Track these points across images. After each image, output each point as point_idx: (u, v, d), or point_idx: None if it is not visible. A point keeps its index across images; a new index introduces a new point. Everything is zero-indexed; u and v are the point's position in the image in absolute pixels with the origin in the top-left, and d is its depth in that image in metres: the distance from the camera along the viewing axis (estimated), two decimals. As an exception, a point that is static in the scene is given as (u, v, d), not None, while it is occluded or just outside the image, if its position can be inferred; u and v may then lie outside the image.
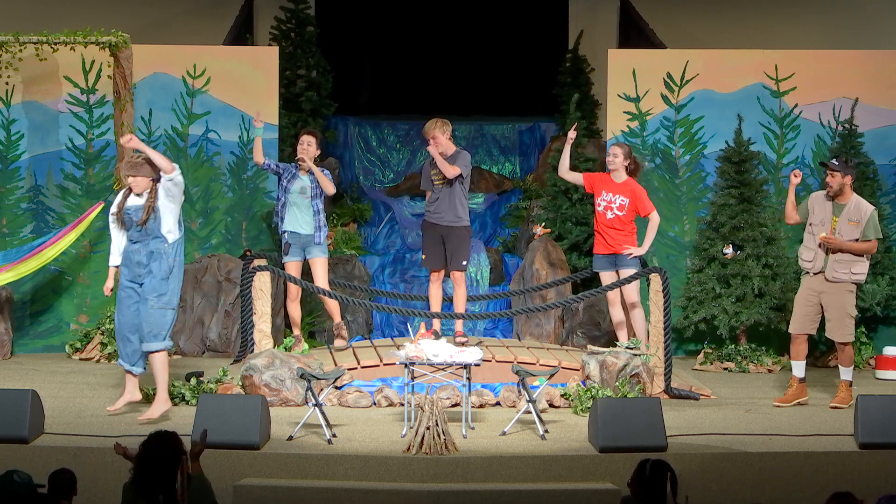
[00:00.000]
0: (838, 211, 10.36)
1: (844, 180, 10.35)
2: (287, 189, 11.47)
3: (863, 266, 10.37)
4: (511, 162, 16.30)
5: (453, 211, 11.38)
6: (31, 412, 8.85)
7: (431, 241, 11.48)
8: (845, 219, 10.32)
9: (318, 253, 11.50)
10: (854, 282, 10.37)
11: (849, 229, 10.30)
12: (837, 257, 10.31)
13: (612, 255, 11.47)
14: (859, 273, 10.36)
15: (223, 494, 7.88)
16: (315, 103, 15.41)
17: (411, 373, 9.52)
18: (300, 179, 11.48)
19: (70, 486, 6.90)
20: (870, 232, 10.32)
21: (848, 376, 10.54)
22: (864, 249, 10.33)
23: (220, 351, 12.81)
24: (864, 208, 10.37)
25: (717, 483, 8.65)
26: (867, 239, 10.31)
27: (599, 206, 11.57)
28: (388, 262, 14.39)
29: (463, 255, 11.45)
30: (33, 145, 13.17)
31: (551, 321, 12.90)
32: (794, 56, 13.50)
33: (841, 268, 10.31)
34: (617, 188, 11.50)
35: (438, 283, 11.58)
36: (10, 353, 12.66)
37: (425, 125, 11.44)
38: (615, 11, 16.55)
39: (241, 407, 8.84)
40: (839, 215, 10.34)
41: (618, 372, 10.40)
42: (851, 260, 10.31)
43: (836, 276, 10.32)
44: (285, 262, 11.53)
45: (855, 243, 10.29)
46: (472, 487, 8.38)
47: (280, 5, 15.87)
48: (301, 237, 11.48)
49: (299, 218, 11.47)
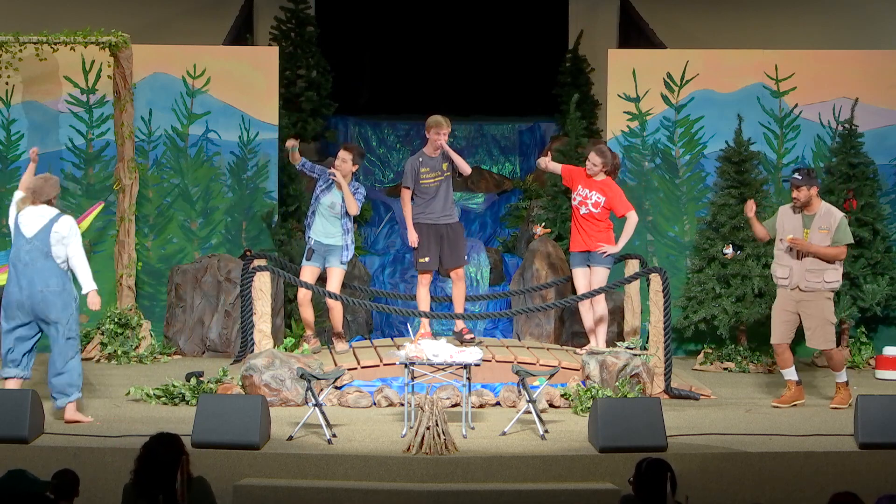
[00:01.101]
0: (808, 222, 10.29)
1: (811, 192, 10.26)
2: (318, 198, 11.30)
3: (835, 274, 10.27)
4: (511, 162, 16.31)
5: (450, 209, 11.31)
6: (31, 412, 8.84)
7: (432, 242, 11.31)
8: (816, 228, 10.24)
9: (338, 264, 11.33)
10: (829, 290, 10.30)
11: (820, 237, 10.22)
12: (809, 266, 10.22)
13: (586, 252, 11.38)
14: (832, 281, 10.27)
15: (223, 494, 7.88)
16: (315, 103, 15.43)
17: (411, 373, 9.52)
18: (332, 193, 11.27)
19: (72, 487, 6.90)
20: (841, 238, 10.22)
21: (843, 378, 10.52)
22: (833, 254, 10.22)
23: (220, 351, 12.81)
24: (834, 215, 10.28)
25: (717, 483, 8.65)
26: (839, 244, 10.23)
27: (575, 201, 11.45)
28: (388, 262, 14.40)
29: (464, 252, 11.42)
30: (33, 145, 13.11)
31: (551, 321, 12.90)
32: (794, 56, 13.50)
33: (813, 277, 10.23)
34: (593, 185, 11.34)
35: (429, 286, 11.44)
36: (9, 353, 12.65)
37: (429, 119, 11.19)
38: (615, 11, 16.56)
39: (241, 407, 8.84)
40: (810, 226, 10.27)
41: (618, 372, 10.40)
42: (823, 268, 10.21)
43: (809, 286, 10.25)
44: (304, 265, 11.41)
45: (826, 248, 10.19)
46: (472, 487, 8.38)
47: (280, 5, 15.88)
48: (324, 246, 11.35)
49: (328, 229, 11.28)
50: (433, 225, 11.24)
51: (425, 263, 11.27)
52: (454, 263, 11.31)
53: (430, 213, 11.23)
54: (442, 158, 11.21)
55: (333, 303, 11.37)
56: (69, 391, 9.35)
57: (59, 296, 9.27)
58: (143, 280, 13.19)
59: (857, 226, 12.86)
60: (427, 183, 11.18)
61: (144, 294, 13.20)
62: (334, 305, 11.42)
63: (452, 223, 11.30)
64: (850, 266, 12.83)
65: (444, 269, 11.45)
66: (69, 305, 9.31)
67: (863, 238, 12.85)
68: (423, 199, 11.24)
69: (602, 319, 11.37)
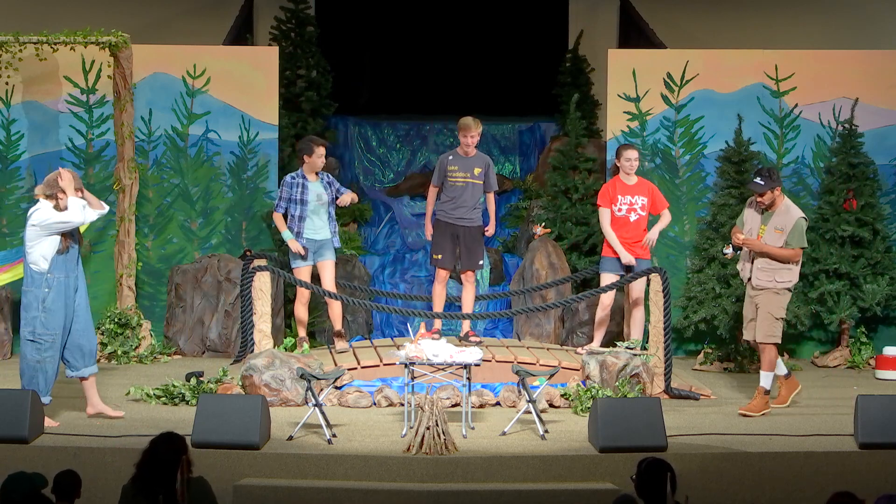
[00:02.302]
0: (766, 219, 10.16)
1: (774, 194, 10.11)
2: (304, 201, 11.41)
3: (788, 274, 10.07)
4: (511, 162, 16.30)
5: (474, 210, 11.47)
6: (31, 412, 8.85)
7: (447, 240, 11.48)
8: (772, 227, 10.10)
9: (329, 256, 11.51)
10: (781, 287, 10.09)
11: (774, 237, 10.07)
12: (760, 265, 10.09)
13: (632, 260, 11.56)
14: (784, 281, 10.07)
15: (223, 494, 7.88)
16: (315, 103, 15.41)
17: (411, 373, 9.52)
18: (312, 187, 11.44)
19: (74, 488, 6.89)
20: (793, 241, 10.03)
21: (766, 383, 10.21)
22: (785, 256, 10.03)
23: (220, 351, 12.82)
24: (791, 215, 10.09)
25: (717, 483, 8.65)
26: (790, 247, 10.05)
27: (620, 211, 11.61)
28: (388, 262, 14.40)
29: (480, 255, 11.57)
30: (33, 145, 13.18)
31: (551, 321, 12.89)
32: (794, 56, 13.50)
33: (765, 276, 10.09)
34: (632, 189, 11.61)
35: (445, 283, 11.58)
36: (10, 353, 12.66)
37: (459, 121, 11.51)
38: (615, 11, 16.55)
39: (241, 407, 8.85)
40: (767, 224, 10.15)
41: (618, 372, 10.41)
42: (775, 268, 10.05)
43: (759, 284, 10.11)
44: (300, 266, 11.45)
45: (774, 248, 10.03)
46: (472, 487, 8.38)
47: (280, 5, 15.87)
48: (317, 242, 11.47)
49: (316, 224, 11.45)
50: (451, 224, 11.48)
51: (438, 260, 11.54)
52: (466, 266, 11.49)
53: (453, 211, 11.48)
54: (474, 161, 11.47)
55: (333, 300, 11.44)
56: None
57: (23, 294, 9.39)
58: (143, 280, 13.19)
59: (857, 226, 12.88)
60: (455, 181, 11.45)
61: (144, 294, 13.21)
62: (334, 302, 11.48)
63: (472, 226, 11.49)
64: (851, 266, 12.84)
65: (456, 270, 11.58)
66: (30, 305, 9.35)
67: (863, 238, 12.86)
68: (448, 196, 11.50)
69: (638, 302, 11.62)
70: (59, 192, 9.36)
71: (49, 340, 9.31)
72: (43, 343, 9.31)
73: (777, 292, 10.10)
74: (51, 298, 9.30)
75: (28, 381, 9.35)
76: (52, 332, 9.31)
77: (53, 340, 9.33)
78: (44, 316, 9.30)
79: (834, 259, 12.88)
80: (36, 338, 9.31)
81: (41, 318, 9.30)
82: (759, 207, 10.19)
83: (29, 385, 9.31)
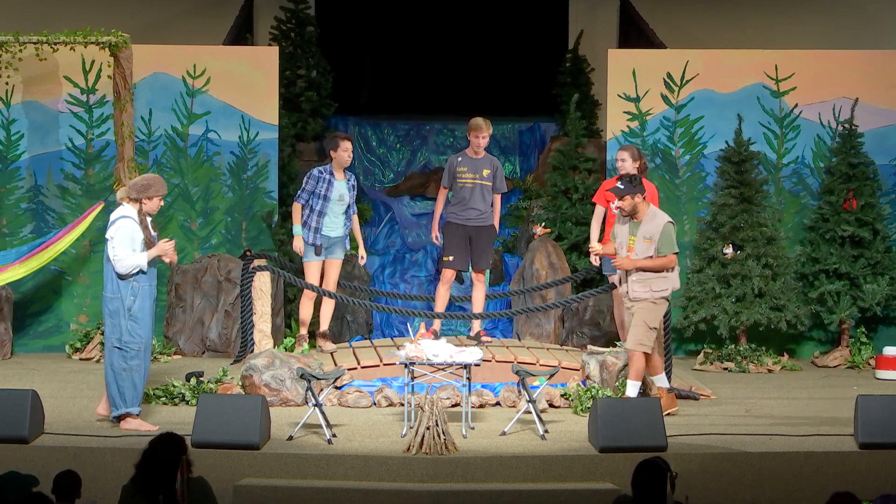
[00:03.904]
0: (634, 230, 9.91)
1: (635, 200, 9.84)
2: (327, 197, 11.48)
3: (664, 282, 9.83)
4: (511, 162, 16.29)
5: (486, 211, 11.51)
6: (31, 412, 8.85)
7: (459, 242, 11.51)
8: (640, 236, 9.86)
9: (339, 254, 11.64)
10: (657, 297, 9.84)
11: (644, 247, 9.82)
12: (635, 277, 9.82)
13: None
14: (660, 290, 9.82)
15: (223, 494, 7.89)
16: (315, 103, 15.42)
17: (411, 373, 9.52)
18: (337, 186, 11.51)
19: (74, 488, 6.89)
20: (663, 247, 9.80)
21: (663, 383, 10.01)
22: (660, 265, 9.80)
23: (220, 351, 12.81)
24: (657, 222, 9.85)
25: (717, 483, 8.65)
26: (661, 255, 9.82)
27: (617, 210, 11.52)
28: (388, 262, 14.40)
29: (490, 255, 11.67)
30: (33, 145, 13.17)
31: (551, 321, 12.89)
32: (794, 56, 13.50)
33: (640, 287, 9.81)
34: None
35: (450, 285, 11.60)
36: (10, 353, 12.66)
37: (470, 122, 11.55)
38: (615, 11, 16.55)
39: (241, 407, 8.85)
40: (636, 234, 9.90)
41: (618, 372, 10.40)
42: (650, 278, 9.80)
43: (636, 296, 9.83)
44: (313, 261, 11.52)
45: (650, 261, 9.78)
46: (472, 487, 8.38)
47: (280, 5, 15.87)
48: (332, 239, 11.55)
49: (335, 222, 11.54)
50: (463, 225, 11.54)
51: (448, 262, 11.57)
52: (476, 266, 11.53)
53: (463, 212, 11.52)
54: (482, 163, 11.52)
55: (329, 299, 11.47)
56: (116, 403, 9.30)
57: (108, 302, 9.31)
58: (143, 280, 13.17)
59: (857, 226, 12.88)
60: (464, 182, 11.50)
61: (144, 294, 13.19)
62: (328, 301, 11.53)
63: (484, 226, 11.50)
64: (851, 266, 12.84)
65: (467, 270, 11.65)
66: (116, 313, 9.25)
67: (863, 238, 12.86)
68: (458, 197, 11.55)
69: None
70: (144, 199, 9.34)
71: (135, 349, 9.25)
72: (129, 351, 9.24)
73: (654, 301, 9.83)
74: (137, 306, 9.26)
75: (114, 389, 9.24)
76: (137, 340, 9.25)
77: (139, 349, 9.26)
78: (130, 324, 9.24)
79: (834, 259, 12.88)
80: (123, 345, 9.24)
81: (128, 325, 9.23)
82: (622, 214, 9.97)
83: (116, 394, 9.22)
